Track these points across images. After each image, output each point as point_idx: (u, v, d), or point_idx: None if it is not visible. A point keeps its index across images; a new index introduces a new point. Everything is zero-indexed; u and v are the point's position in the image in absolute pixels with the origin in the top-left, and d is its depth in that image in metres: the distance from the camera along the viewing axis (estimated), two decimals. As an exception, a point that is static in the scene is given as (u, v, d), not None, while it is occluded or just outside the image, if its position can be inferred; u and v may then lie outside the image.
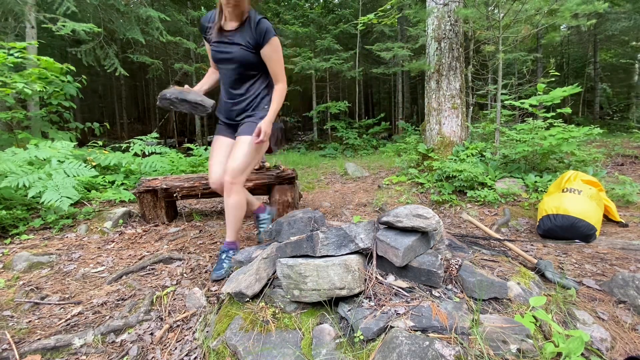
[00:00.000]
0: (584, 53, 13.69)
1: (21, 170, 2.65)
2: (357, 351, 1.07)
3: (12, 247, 2.35)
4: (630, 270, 1.79)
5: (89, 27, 5.07)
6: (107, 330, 1.45)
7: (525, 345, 1.01)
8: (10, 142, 3.95)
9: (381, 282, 1.29)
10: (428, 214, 1.33)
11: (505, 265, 1.53)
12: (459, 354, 0.97)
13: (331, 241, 1.28)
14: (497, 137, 4.02)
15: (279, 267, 1.31)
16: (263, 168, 2.92)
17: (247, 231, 2.78)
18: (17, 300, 1.72)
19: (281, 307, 1.32)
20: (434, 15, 4.05)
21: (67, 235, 2.61)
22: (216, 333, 1.31)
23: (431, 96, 4.16)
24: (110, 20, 7.11)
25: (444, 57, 4.03)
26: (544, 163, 3.56)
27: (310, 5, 12.59)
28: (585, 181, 2.43)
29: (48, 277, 2.00)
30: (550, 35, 5.05)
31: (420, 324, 1.08)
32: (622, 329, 1.26)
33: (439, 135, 4.08)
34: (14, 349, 1.34)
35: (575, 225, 2.21)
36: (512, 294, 1.29)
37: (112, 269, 2.10)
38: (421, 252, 1.33)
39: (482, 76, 5.36)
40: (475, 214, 2.98)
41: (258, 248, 1.78)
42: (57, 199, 2.48)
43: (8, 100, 3.79)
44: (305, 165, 6.47)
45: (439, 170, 3.60)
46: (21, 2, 5.21)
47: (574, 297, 1.44)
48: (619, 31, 9.99)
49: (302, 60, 9.72)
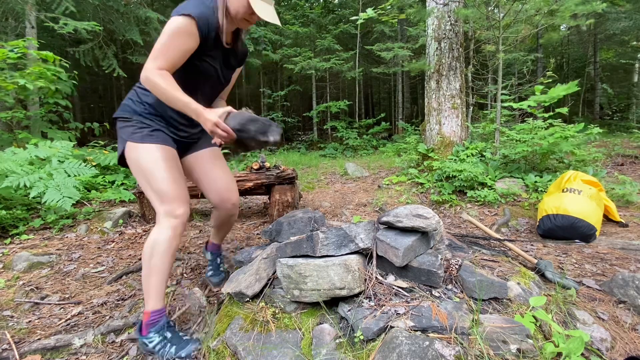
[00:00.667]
0: (584, 53, 13.69)
1: (22, 170, 2.65)
2: (357, 351, 1.07)
3: (12, 247, 2.35)
4: (630, 270, 1.79)
5: (91, 25, 5.06)
6: (107, 330, 1.45)
7: (525, 345, 1.01)
8: (10, 142, 3.95)
9: (381, 282, 1.29)
10: (428, 214, 1.33)
11: (505, 265, 1.53)
12: (459, 354, 0.97)
13: (331, 241, 1.29)
14: (497, 137, 4.02)
15: (279, 267, 1.31)
16: (263, 168, 2.92)
17: (247, 231, 2.78)
18: (17, 300, 1.72)
19: (281, 307, 1.32)
20: (434, 15, 4.05)
21: (67, 235, 2.62)
22: (216, 333, 1.31)
23: (431, 96, 4.16)
24: (110, 21, 7.11)
25: (444, 57, 4.03)
26: (544, 163, 3.56)
27: (310, 5, 12.60)
28: (585, 181, 2.43)
29: (48, 277, 2.00)
30: (550, 35, 5.05)
31: (420, 324, 1.08)
32: (622, 329, 1.26)
33: (439, 135, 4.08)
34: (14, 349, 1.34)
35: (575, 225, 2.21)
36: (512, 294, 1.29)
37: (112, 269, 2.11)
38: (421, 252, 1.33)
39: (482, 76, 5.36)
40: (475, 214, 2.98)
41: (258, 248, 1.78)
42: (59, 199, 2.48)
43: (8, 101, 3.79)
44: (305, 165, 6.46)
45: (439, 170, 3.60)
46: (22, 2, 5.21)
47: (574, 297, 1.44)
48: (620, 31, 9.98)
49: (302, 60, 9.72)
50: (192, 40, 1.28)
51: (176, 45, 1.26)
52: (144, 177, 1.37)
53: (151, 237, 1.33)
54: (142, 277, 1.34)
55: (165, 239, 1.32)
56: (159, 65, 1.25)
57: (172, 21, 1.25)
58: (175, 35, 1.25)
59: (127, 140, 1.39)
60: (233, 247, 2.44)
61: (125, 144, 1.39)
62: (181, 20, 1.24)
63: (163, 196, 1.34)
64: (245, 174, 2.86)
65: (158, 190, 1.34)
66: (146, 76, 1.25)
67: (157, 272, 1.32)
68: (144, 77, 1.26)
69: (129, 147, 1.39)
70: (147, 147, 1.37)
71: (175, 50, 1.26)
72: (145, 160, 1.36)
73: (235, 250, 2.37)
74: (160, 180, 1.34)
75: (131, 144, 1.39)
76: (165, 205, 1.34)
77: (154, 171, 1.35)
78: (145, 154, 1.37)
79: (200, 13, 1.26)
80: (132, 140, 1.38)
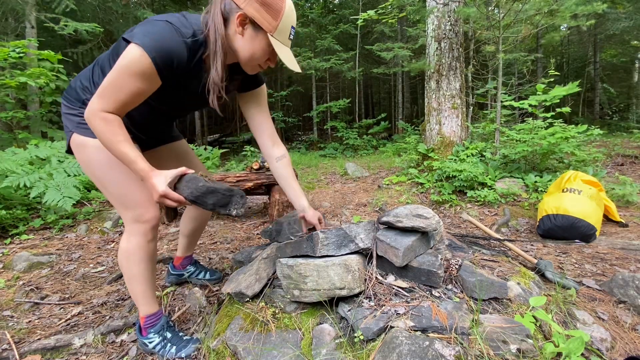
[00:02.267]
0: (584, 53, 13.69)
1: (22, 170, 2.65)
2: (357, 351, 1.07)
3: (12, 247, 2.35)
4: (630, 270, 1.79)
5: (92, 26, 5.07)
6: (107, 330, 1.45)
7: (525, 345, 1.01)
8: (10, 142, 3.96)
9: (381, 282, 1.29)
10: (428, 214, 1.33)
11: (505, 265, 1.53)
12: (459, 354, 0.97)
13: (331, 241, 1.28)
14: (497, 137, 4.02)
15: (279, 267, 1.31)
16: (263, 168, 2.92)
17: (247, 231, 2.78)
18: (17, 300, 1.72)
19: (281, 307, 1.32)
20: (434, 15, 4.05)
21: (67, 235, 2.62)
22: (216, 333, 1.31)
23: (431, 96, 4.16)
24: (109, 21, 7.11)
25: (444, 57, 4.03)
26: (544, 163, 3.56)
27: (310, 5, 12.59)
28: (585, 181, 2.43)
29: (48, 277, 2.00)
30: (550, 35, 5.06)
31: (420, 324, 1.08)
32: (622, 329, 1.26)
33: (439, 135, 4.08)
34: (14, 349, 1.34)
35: (575, 225, 2.21)
36: (512, 294, 1.29)
37: (112, 269, 2.11)
38: (421, 252, 1.33)
39: (482, 76, 5.36)
40: (475, 214, 2.98)
41: (258, 248, 1.78)
42: (59, 199, 2.48)
43: (8, 101, 3.79)
44: (305, 165, 6.46)
45: (439, 170, 3.60)
46: (22, 2, 5.21)
47: (574, 297, 1.44)
48: (619, 31, 9.98)
49: (302, 60, 9.72)
50: (147, 83, 1.00)
51: (127, 87, 0.98)
52: (99, 180, 1.17)
53: (122, 247, 1.21)
54: (127, 285, 1.27)
55: (137, 246, 1.20)
56: (104, 107, 0.99)
57: (127, 53, 0.96)
58: (128, 74, 0.97)
59: (73, 131, 1.16)
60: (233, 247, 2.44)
61: (71, 135, 1.17)
62: (134, 56, 0.95)
63: (127, 201, 1.17)
64: (245, 174, 2.86)
65: (120, 195, 1.17)
66: (88, 118, 1.01)
67: (138, 280, 1.23)
68: (86, 117, 1.02)
69: (76, 141, 1.16)
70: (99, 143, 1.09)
71: (124, 92, 0.99)
72: (99, 162, 1.15)
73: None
74: (121, 183, 1.16)
75: (79, 138, 1.15)
76: (130, 210, 1.18)
77: (111, 173, 1.15)
78: (98, 154, 1.14)
79: (161, 48, 0.96)
80: (81, 134, 1.15)
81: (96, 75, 1.16)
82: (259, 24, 1.01)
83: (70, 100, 1.19)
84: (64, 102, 1.20)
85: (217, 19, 1.01)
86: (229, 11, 1.02)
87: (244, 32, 1.03)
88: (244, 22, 1.02)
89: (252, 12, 0.99)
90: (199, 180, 1.05)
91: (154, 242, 1.26)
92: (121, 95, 0.99)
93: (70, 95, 1.20)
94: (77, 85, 1.19)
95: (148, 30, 0.97)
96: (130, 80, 0.98)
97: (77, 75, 1.23)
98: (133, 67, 0.96)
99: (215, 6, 1.02)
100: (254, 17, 1.00)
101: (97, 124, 1.00)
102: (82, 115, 1.11)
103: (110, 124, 1.00)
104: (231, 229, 2.80)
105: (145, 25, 0.99)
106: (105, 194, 1.21)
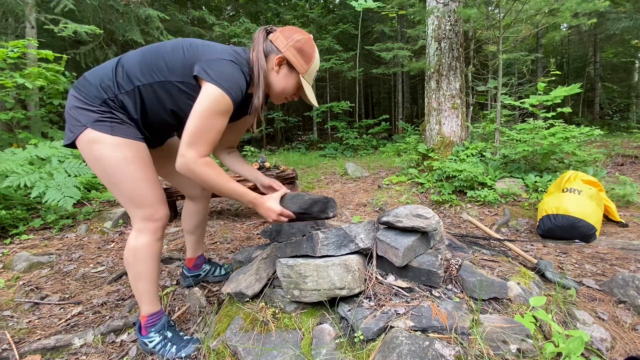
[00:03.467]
0: (585, 53, 13.69)
1: (22, 170, 2.65)
2: (357, 351, 1.07)
3: (12, 247, 2.35)
4: (630, 270, 1.79)
5: (91, 28, 5.07)
6: (107, 330, 1.45)
7: (525, 345, 1.01)
8: (10, 142, 3.96)
9: (381, 282, 1.29)
10: (428, 214, 1.33)
11: (505, 265, 1.53)
12: (459, 354, 0.97)
13: (331, 241, 1.28)
14: (497, 137, 4.02)
15: (279, 267, 1.31)
16: (263, 168, 2.92)
17: (247, 231, 2.78)
18: (17, 300, 1.72)
19: (281, 307, 1.32)
20: (434, 15, 4.05)
21: (67, 235, 2.62)
22: (216, 333, 1.31)
23: (431, 96, 4.16)
24: (110, 21, 7.11)
25: (444, 57, 4.03)
26: (544, 163, 3.56)
27: (310, 5, 12.59)
28: (585, 181, 2.43)
29: (48, 277, 2.00)
30: (550, 35, 5.06)
31: (420, 324, 1.08)
32: (622, 329, 1.26)
33: (439, 135, 4.08)
34: (14, 349, 1.34)
35: (575, 225, 2.21)
36: (512, 294, 1.29)
37: (112, 269, 2.11)
38: (421, 252, 1.33)
39: (482, 76, 5.36)
40: (475, 214, 2.98)
41: (258, 248, 1.78)
42: (60, 199, 2.49)
43: (8, 101, 3.79)
44: (305, 165, 6.46)
45: (439, 170, 3.59)
46: (22, 2, 5.21)
47: (574, 297, 1.44)
48: (620, 31, 9.98)
49: (302, 60, 9.70)
50: (227, 117, 1.15)
51: (214, 126, 1.11)
52: (110, 177, 1.18)
53: (130, 244, 1.23)
54: (131, 284, 1.29)
55: (146, 244, 1.23)
56: (201, 153, 1.09)
57: (209, 95, 1.08)
58: (213, 115, 1.09)
59: (87, 126, 1.14)
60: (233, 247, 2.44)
61: (83, 130, 1.15)
62: (216, 97, 1.08)
63: (138, 200, 1.20)
64: (245, 174, 2.86)
65: (133, 194, 1.20)
66: (189, 168, 1.09)
67: (144, 278, 1.26)
68: (185, 169, 1.10)
69: (89, 136, 1.14)
70: (118, 141, 1.15)
71: (213, 132, 1.11)
72: (115, 159, 1.15)
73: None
74: (134, 182, 1.18)
75: (93, 133, 1.14)
76: (142, 209, 1.22)
77: (125, 172, 1.17)
78: (114, 151, 1.15)
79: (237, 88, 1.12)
80: (97, 129, 1.14)
81: (120, 76, 1.17)
82: (294, 65, 1.21)
83: (87, 96, 1.16)
84: (77, 95, 1.17)
85: (261, 57, 1.20)
86: (269, 51, 1.22)
87: (280, 70, 1.23)
88: (281, 62, 1.21)
89: (290, 56, 1.20)
90: (303, 195, 1.28)
91: (161, 241, 1.30)
92: (212, 135, 1.11)
93: (87, 91, 1.17)
94: (97, 83, 1.17)
95: (222, 71, 1.11)
96: (217, 119, 1.11)
97: (95, 71, 1.21)
98: (218, 108, 1.10)
99: (258, 44, 1.21)
100: (291, 60, 1.20)
101: (202, 170, 1.11)
102: (103, 112, 1.15)
103: (213, 167, 1.13)
104: (231, 229, 2.80)
105: (216, 65, 1.11)
106: (115, 191, 1.21)
